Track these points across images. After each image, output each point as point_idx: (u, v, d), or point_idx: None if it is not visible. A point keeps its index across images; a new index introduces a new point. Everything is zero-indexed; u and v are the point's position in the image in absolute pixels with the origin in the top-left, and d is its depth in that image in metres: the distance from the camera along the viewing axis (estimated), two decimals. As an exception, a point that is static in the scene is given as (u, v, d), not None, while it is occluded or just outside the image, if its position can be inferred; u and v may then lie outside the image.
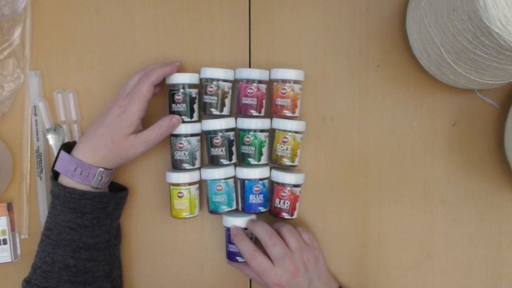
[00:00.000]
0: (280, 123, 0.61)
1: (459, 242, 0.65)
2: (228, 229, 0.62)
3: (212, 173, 0.61)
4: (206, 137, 0.62)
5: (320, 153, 0.65)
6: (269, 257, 0.58)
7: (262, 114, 0.62)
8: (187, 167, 0.61)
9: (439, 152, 0.65)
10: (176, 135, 0.61)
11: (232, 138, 0.61)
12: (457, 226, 0.65)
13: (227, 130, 0.61)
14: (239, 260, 0.61)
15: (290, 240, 0.59)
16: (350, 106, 0.65)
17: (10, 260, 0.64)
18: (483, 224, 0.65)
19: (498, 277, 0.65)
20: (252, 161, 0.61)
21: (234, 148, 0.62)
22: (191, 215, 0.62)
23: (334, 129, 0.65)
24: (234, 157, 0.62)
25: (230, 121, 0.61)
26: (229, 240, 0.62)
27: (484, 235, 0.65)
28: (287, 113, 0.61)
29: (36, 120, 0.64)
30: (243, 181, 0.61)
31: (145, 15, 0.65)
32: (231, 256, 0.62)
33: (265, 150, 0.61)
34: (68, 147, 0.59)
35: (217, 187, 0.61)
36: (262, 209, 0.61)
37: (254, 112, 0.61)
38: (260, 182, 0.61)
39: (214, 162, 0.61)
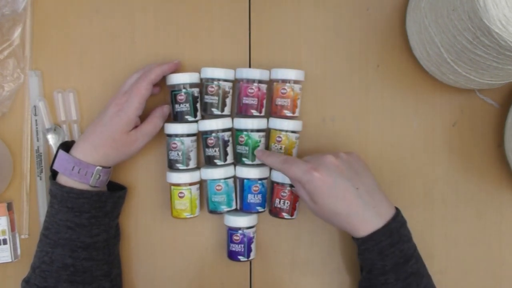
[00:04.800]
0: (274, 123, 0.61)
1: (459, 242, 0.65)
2: (229, 229, 0.62)
3: (212, 173, 0.61)
4: (202, 137, 0.62)
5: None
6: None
7: (263, 114, 0.62)
8: (180, 167, 0.61)
9: (439, 152, 0.65)
10: (170, 135, 0.61)
11: (227, 138, 0.61)
12: (457, 226, 0.65)
13: (223, 130, 0.61)
14: (241, 260, 0.61)
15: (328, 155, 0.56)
16: (350, 106, 0.65)
17: (10, 260, 0.64)
18: (483, 224, 0.65)
19: (498, 277, 0.65)
20: (247, 161, 0.61)
21: (229, 149, 0.61)
22: (192, 215, 0.62)
23: (334, 129, 0.65)
24: (229, 158, 0.61)
25: (225, 121, 0.61)
26: (230, 240, 0.62)
27: (484, 235, 0.65)
28: (287, 113, 0.61)
29: (36, 120, 0.64)
30: (242, 180, 0.61)
31: (145, 15, 0.65)
32: (232, 256, 0.62)
33: None
34: (66, 146, 0.59)
35: (217, 187, 0.61)
36: (260, 209, 0.61)
37: (254, 112, 0.61)
38: (259, 182, 0.61)
39: (208, 162, 0.62)
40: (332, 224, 0.56)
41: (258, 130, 0.61)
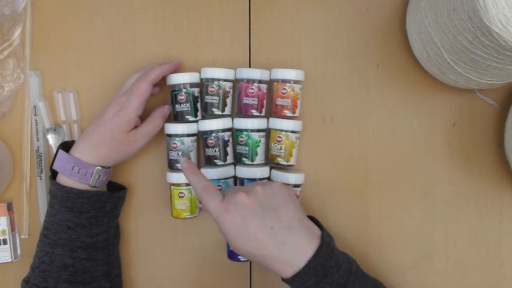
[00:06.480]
0: (275, 123, 0.61)
1: (459, 242, 0.65)
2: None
3: (212, 173, 0.61)
4: (202, 137, 0.62)
5: (320, 153, 0.65)
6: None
7: (263, 114, 0.62)
8: (180, 167, 0.61)
9: (439, 152, 0.65)
10: (170, 135, 0.61)
11: (227, 138, 0.61)
12: (457, 226, 0.65)
13: (223, 130, 0.61)
14: (241, 260, 0.61)
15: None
16: (350, 106, 0.65)
17: (10, 260, 0.64)
18: (483, 224, 0.65)
19: (498, 277, 0.65)
20: (246, 161, 0.61)
21: (229, 149, 0.61)
22: (192, 215, 0.62)
23: (334, 129, 0.65)
24: (229, 158, 0.61)
25: (225, 121, 0.61)
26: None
27: (484, 235, 0.65)
28: (288, 113, 0.61)
29: (36, 120, 0.64)
30: (242, 180, 0.61)
31: (145, 15, 0.65)
32: (232, 256, 0.62)
33: (260, 150, 0.61)
34: (66, 146, 0.59)
35: (217, 187, 0.61)
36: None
37: (255, 112, 0.61)
38: (259, 182, 0.61)
39: (208, 162, 0.62)
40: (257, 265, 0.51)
41: (258, 130, 0.61)
